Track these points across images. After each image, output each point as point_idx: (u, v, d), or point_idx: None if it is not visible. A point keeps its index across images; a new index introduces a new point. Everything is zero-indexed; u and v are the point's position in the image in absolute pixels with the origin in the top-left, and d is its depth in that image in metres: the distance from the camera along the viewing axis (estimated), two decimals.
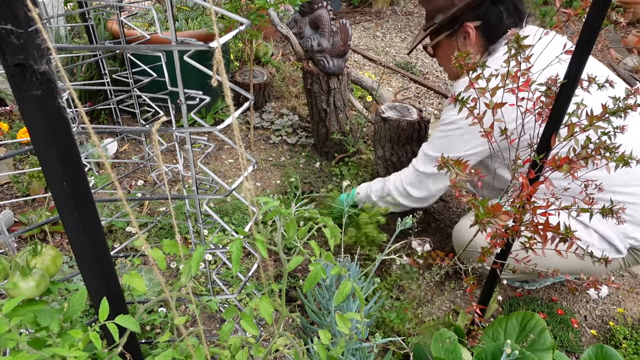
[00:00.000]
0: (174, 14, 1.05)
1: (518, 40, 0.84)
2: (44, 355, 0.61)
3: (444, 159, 0.92)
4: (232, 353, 0.81)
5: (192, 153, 0.92)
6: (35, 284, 0.73)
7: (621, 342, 1.46)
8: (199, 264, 0.71)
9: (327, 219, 0.77)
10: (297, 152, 2.45)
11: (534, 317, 1.20)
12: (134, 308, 0.81)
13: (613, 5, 0.76)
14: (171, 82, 1.18)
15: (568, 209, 0.88)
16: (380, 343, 1.04)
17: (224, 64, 0.49)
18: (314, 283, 0.73)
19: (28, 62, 0.46)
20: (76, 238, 0.62)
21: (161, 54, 1.56)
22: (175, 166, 1.69)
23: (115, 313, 0.68)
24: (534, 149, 0.92)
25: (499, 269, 1.07)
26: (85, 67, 2.40)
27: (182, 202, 1.84)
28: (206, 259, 1.25)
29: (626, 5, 4.18)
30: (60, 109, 0.50)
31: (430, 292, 1.60)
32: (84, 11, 1.62)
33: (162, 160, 1.27)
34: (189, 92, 1.01)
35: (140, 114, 1.80)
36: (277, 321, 0.84)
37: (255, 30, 2.03)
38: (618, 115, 0.81)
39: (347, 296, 0.79)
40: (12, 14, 0.43)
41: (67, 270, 1.55)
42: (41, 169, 0.55)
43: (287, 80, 3.09)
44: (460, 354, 1.11)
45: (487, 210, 0.86)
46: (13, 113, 2.36)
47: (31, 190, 1.85)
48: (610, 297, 1.69)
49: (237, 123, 0.55)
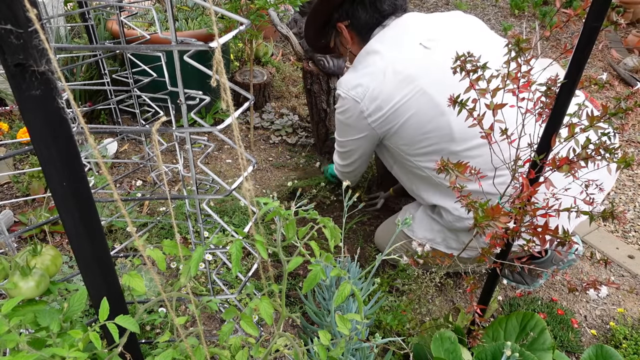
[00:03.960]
0: (174, 14, 1.05)
1: (518, 42, 0.84)
2: (44, 355, 0.61)
3: (443, 162, 0.92)
4: (232, 353, 0.81)
5: (192, 153, 0.92)
6: (35, 284, 0.73)
7: (621, 342, 1.46)
8: (198, 265, 0.71)
9: (327, 219, 0.77)
10: (297, 152, 2.45)
11: (534, 317, 1.20)
12: (134, 308, 0.81)
13: (613, 5, 0.76)
14: (171, 82, 1.18)
15: (569, 210, 0.88)
16: (380, 343, 1.04)
17: (224, 64, 0.49)
18: (314, 284, 0.73)
19: (28, 62, 0.46)
20: (76, 238, 0.62)
21: (161, 54, 1.56)
22: (175, 166, 1.69)
23: (115, 313, 0.68)
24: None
25: (499, 269, 1.07)
26: (85, 67, 2.40)
27: (182, 202, 1.84)
28: (206, 259, 1.25)
29: (626, 5, 4.18)
30: (60, 109, 0.50)
31: (430, 292, 1.60)
32: (84, 11, 1.62)
33: (162, 160, 1.27)
34: (189, 92, 1.01)
35: (140, 114, 1.80)
36: (277, 321, 0.84)
37: (255, 30, 2.03)
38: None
39: (347, 297, 0.79)
40: (12, 14, 0.43)
41: (67, 270, 1.55)
42: (41, 169, 0.55)
43: (287, 80, 3.09)
44: (460, 354, 1.11)
45: (486, 212, 0.86)
46: (13, 113, 2.36)
47: (31, 190, 1.85)
48: (610, 297, 1.69)
49: (237, 123, 0.55)
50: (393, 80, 1.32)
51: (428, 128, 1.32)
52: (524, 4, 4.57)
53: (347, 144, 1.54)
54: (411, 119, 1.32)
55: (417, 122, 1.32)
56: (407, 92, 1.31)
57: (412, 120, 1.33)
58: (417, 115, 1.31)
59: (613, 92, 3.17)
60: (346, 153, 1.60)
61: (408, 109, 1.32)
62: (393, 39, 1.41)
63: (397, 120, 1.35)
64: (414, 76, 1.31)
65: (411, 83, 1.30)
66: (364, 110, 1.37)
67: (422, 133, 1.33)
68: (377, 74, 1.35)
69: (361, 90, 1.36)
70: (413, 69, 1.32)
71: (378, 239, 1.78)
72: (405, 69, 1.32)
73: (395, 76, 1.32)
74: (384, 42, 1.41)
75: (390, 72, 1.33)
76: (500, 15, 4.64)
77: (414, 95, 1.30)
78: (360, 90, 1.36)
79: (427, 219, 1.51)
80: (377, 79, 1.35)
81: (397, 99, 1.32)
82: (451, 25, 1.47)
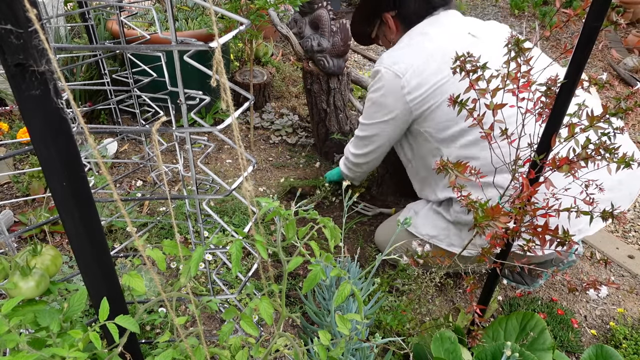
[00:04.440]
0: (174, 14, 1.05)
1: (518, 42, 0.84)
2: (44, 355, 0.61)
3: (442, 162, 0.92)
4: (232, 353, 0.81)
5: (192, 153, 0.92)
6: (35, 284, 0.73)
7: (621, 342, 1.46)
8: (198, 265, 0.71)
9: (327, 219, 0.77)
10: (297, 152, 2.45)
11: (534, 317, 1.20)
12: (134, 308, 0.81)
13: (613, 5, 0.76)
14: (171, 82, 1.18)
15: (568, 210, 0.88)
16: (380, 343, 1.04)
17: (224, 64, 0.49)
18: (314, 284, 0.73)
19: (28, 62, 0.46)
20: (76, 238, 0.61)
21: (161, 54, 1.56)
22: (175, 166, 1.69)
23: (115, 313, 0.68)
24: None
25: (499, 269, 1.07)
26: (85, 67, 2.40)
27: (182, 202, 1.84)
28: (206, 259, 1.25)
29: (626, 5, 4.17)
30: (60, 109, 0.50)
31: (430, 292, 1.60)
32: (84, 11, 1.62)
33: (162, 160, 1.27)
34: (189, 92, 1.01)
35: (140, 114, 1.80)
36: (277, 321, 0.84)
37: (255, 30, 2.03)
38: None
39: (347, 297, 0.79)
40: (12, 14, 0.43)
41: (67, 270, 1.55)
42: (41, 169, 0.55)
43: (287, 80, 3.09)
44: (460, 354, 1.11)
45: (486, 212, 0.86)
46: (13, 113, 2.36)
47: (31, 190, 1.85)
48: (610, 297, 1.69)
49: (237, 123, 0.55)
50: (438, 61, 1.34)
51: (463, 113, 1.33)
52: (524, 4, 4.57)
53: (372, 127, 1.52)
54: (446, 102, 1.32)
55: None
56: (447, 74, 1.31)
57: (447, 104, 1.33)
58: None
59: (613, 92, 3.17)
60: (367, 139, 1.58)
61: (447, 90, 1.32)
62: (443, 25, 1.44)
63: (434, 100, 1.35)
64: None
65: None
66: (405, 86, 1.37)
67: (452, 119, 1.34)
68: (423, 53, 1.37)
69: (404, 66, 1.36)
70: (459, 51, 1.33)
71: (378, 238, 1.77)
72: (451, 52, 1.32)
73: (441, 58, 1.34)
74: (434, 26, 1.44)
75: (438, 54, 1.35)
76: (500, 15, 4.65)
77: (452, 77, 1.30)
78: (404, 66, 1.37)
79: (433, 215, 1.51)
80: (422, 58, 1.36)
81: (439, 77, 1.33)
82: (491, 27, 1.51)
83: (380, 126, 1.50)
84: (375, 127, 1.52)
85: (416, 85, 1.36)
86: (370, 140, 1.57)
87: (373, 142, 1.57)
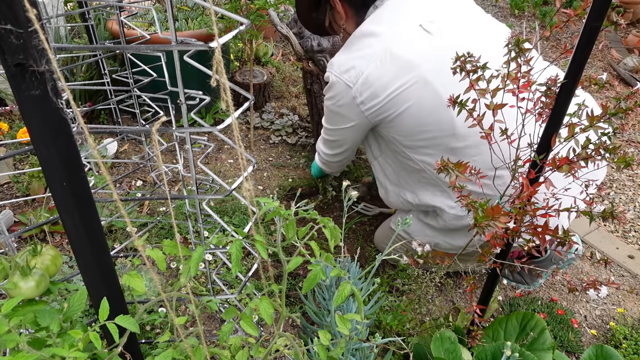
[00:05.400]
0: (174, 14, 1.05)
1: (518, 42, 0.84)
2: (44, 355, 0.61)
3: (443, 162, 0.92)
4: (232, 353, 0.81)
5: (192, 153, 0.92)
6: (35, 284, 0.73)
7: (621, 342, 1.46)
8: (198, 265, 0.71)
9: (327, 219, 0.77)
10: (297, 152, 2.45)
11: (534, 317, 1.20)
12: (134, 308, 0.81)
13: (613, 5, 0.76)
14: (171, 82, 1.18)
15: (569, 210, 0.88)
16: (380, 343, 1.04)
17: (223, 64, 0.49)
18: (314, 284, 0.73)
19: (28, 62, 0.46)
20: (76, 238, 0.61)
21: (161, 54, 1.56)
22: (175, 166, 1.69)
23: (115, 313, 0.68)
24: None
25: (499, 269, 1.07)
26: (85, 67, 2.40)
27: (182, 202, 1.84)
28: (206, 259, 1.25)
29: (626, 5, 4.17)
30: (60, 109, 0.50)
31: (430, 292, 1.60)
32: (84, 11, 1.62)
33: (162, 160, 1.27)
34: (189, 92, 1.01)
35: (140, 114, 1.80)
36: (277, 321, 0.84)
37: (255, 30, 2.03)
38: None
39: (347, 297, 0.79)
40: (12, 14, 0.43)
41: (67, 270, 1.55)
42: (41, 169, 0.55)
43: (287, 80, 3.09)
44: (460, 354, 1.11)
45: (486, 212, 0.86)
46: (13, 113, 2.36)
47: (31, 190, 1.85)
48: (610, 297, 1.69)
49: (237, 123, 0.55)
50: (391, 65, 1.23)
51: (428, 120, 1.24)
52: (524, 4, 4.57)
53: (335, 133, 1.47)
54: (410, 109, 1.25)
55: (416, 113, 1.24)
56: (406, 80, 1.22)
57: (411, 111, 1.25)
58: (416, 106, 1.24)
59: (613, 92, 3.17)
60: (334, 142, 1.54)
61: (407, 99, 1.24)
62: (390, 19, 1.31)
63: (393, 109, 1.26)
64: (414, 63, 1.22)
65: (412, 70, 1.22)
66: (357, 97, 1.27)
67: (420, 125, 1.26)
68: (373, 57, 1.25)
69: (354, 74, 1.26)
70: (413, 54, 1.23)
71: (378, 239, 1.77)
72: (405, 53, 1.23)
73: (393, 61, 1.23)
74: (381, 23, 1.31)
75: (388, 56, 1.24)
76: (500, 15, 4.65)
77: (414, 84, 1.22)
78: (354, 73, 1.26)
79: (419, 225, 1.47)
80: (372, 63, 1.25)
81: (396, 86, 1.23)
82: (448, 5, 1.38)
83: (342, 132, 1.44)
84: (338, 133, 1.47)
85: (370, 96, 1.26)
86: (337, 143, 1.53)
87: (341, 145, 1.53)
